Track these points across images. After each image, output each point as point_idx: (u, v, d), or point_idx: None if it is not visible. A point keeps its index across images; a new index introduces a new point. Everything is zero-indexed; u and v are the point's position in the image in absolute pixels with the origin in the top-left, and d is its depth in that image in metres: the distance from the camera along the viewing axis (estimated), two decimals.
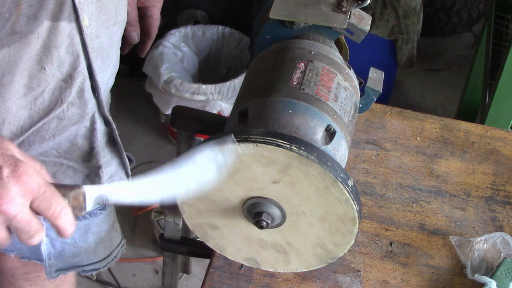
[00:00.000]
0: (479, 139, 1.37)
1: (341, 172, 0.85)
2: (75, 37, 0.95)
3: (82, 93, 1.02)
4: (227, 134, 0.85)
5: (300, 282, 1.11)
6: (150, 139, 2.69)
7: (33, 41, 0.90)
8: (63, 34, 0.93)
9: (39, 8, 0.88)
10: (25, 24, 0.88)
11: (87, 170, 1.11)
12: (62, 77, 0.97)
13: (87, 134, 1.07)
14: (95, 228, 1.25)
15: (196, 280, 2.23)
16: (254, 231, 0.95)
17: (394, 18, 2.52)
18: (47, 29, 0.91)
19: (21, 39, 0.89)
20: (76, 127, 1.05)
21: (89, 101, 1.04)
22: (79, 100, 1.02)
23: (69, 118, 1.03)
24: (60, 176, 1.09)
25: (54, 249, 1.23)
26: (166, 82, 2.30)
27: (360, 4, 0.96)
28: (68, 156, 1.08)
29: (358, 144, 1.34)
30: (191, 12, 2.61)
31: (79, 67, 0.98)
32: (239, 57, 2.56)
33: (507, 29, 2.35)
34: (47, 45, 0.92)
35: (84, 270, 1.30)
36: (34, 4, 0.87)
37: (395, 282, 1.12)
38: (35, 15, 0.88)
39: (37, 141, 1.02)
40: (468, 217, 1.23)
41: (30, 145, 1.02)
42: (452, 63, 3.16)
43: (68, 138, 1.05)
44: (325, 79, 0.95)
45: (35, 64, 0.93)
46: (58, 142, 1.05)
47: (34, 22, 0.89)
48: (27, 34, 0.89)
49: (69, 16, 0.92)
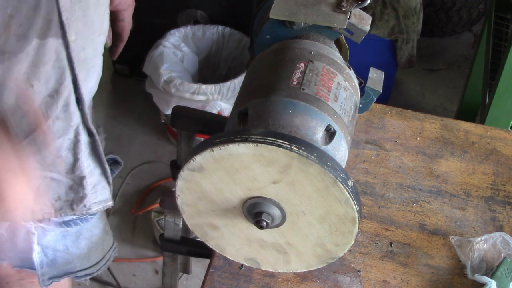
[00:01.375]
0: (479, 139, 1.37)
1: (341, 172, 0.85)
2: (61, 52, 0.95)
3: (67, 107, 1.01)
4: (227, 134, 0.85)
5: (300, 282, 1.11)
6: (150, 139, 2.69)
7: (22, 59, 0.90)
8: (51, 50, 0.93)
9: (29, 27, 0.88)
10: (15, 43, 0.88)
11: (71, 182, 1.11)
12: (48, 92, 0.97)
13: (71, 146, 1.07)
14: (87, 233, 1.24)
15: (196, 280, 2.23)
16: (254, 231, 0.95)
17: (394, 18, 2.52)
18: (36, 47, 0.91)
19: (11, 59, 0.89)
20: (60, 140, 1.05)
21: (73, 114, 1.03)
22: (64, 114, 1.02)
23: (54, 132, 1.03)
24: (44, 189, 1.08)
25: (46, 257, 1.23)
26: (166, 82, 2.30)
27: (360, 4, 0.96)
28: (52, 168, 1.07)
29: (358, 144, 1.34)
30: (191, 12, 2.61)
31: (65, 82, 0.98)
32: (239, 57, 2.56)
33: (507, 29, 2.34)
34: (35, 62, 0.92)
35: (78, 276, 1.30)
36: (23, 23, 0.87)
37: (395, 282, 1.12)
38: (25, 34, 0.88)
39: (23, 156, 1.02)
40: (468, 217, 1.23)
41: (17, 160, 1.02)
42: (452, 63, 3.16)
43: (53, 151, 1.05)
44: (325, 79, 0.95)
45: (23, 82, 0.93)
46: (43, 156, 1.04)
47: (24, 41, 0.89)
48: (17, 53, 0.89)
49: (56, 32, 0.92)
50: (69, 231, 1.20)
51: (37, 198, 1.09)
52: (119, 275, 2.26)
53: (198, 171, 0.89)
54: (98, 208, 1.17)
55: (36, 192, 1.08)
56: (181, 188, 0.92)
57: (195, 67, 2.59)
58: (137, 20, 2.84)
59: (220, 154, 0.85)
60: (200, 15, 2.61)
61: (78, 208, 1.14)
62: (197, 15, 2.62)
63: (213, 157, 0.86)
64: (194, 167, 0.88)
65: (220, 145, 0.85)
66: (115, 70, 2.88)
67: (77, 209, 1.13)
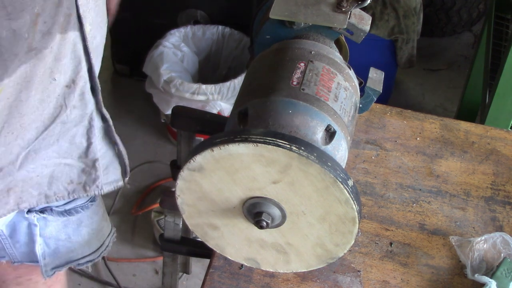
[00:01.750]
0: (479, 139, 1.37)
1: (341, 172, 0.85)
2: (78, 43, 0.97)
3: (83, 95, 1.04)
4: (227, 134, 0.85)
5: (300, 282, 1.11)
6: (150, 139, 2.69)
7: (47, 55, 0.92)
8: (69, 42, 0.96)
9: (53, 23, 0.91)
10: (40, 40, 0.90)
11: (83, 165, 1.13)
12: (65, 83, 1.00)
13: (85, 132, 1.09)
14: (87, 221, 1.26)
15: (196, 280, 2.23)
16: (254, 231, 0.95)
17: (394, 18, 2.52)
18: (58, 42, 0.93)
19: (37, 55, 0.91)
20: (76, 127, 1.07)
21: (89, 101, 1.06)
22: (81, 103, 1.04)
23: (71, 120, 1.05)
24: (57, 175, 1.10)
25: (48, 248, 1.24)
26: (166, 82, 2.30)
27: (360, 4, 0.96)
28: (67, 155, 1.09)
29: (358, 144, 1.34)
30: (191, 12, 2.61)
31: (81, 71, 1.00)
32: (239, 57, 2.56)
33: (507, 29, 2.34)
34: (57, 56, 0.95)
35: (79, 264, 1.32)
36: (47, 20, 0.89)
37: (395, 282, 1.12)
38: (49, 30, 0.91)
39: (42, 147, 1.04)
40: (468, 217, 1.23)
41: (36, 153, 1.04)
42: (452, 63, 3.16)
43: (68, 139, 1.07)
44: (325, 79, 0.95)
45: (47, 76, 0.95)
46: (59, 145, 1.07)
47: (48, 37, 0.91)
48: (42, 49, 0.91)
49: (74, 25, 0.95)
50: (71, 219, 1.22)
51: (51, 185, 1.11)
52: (119, 275, 2.26)
53: (198, 171, 0.89)
54: (110, 188, 1.19)
55: (50, 178, 1.10)
56: (181, 188, 0.92)
57: (195, 67, 2.59)
58: (137, 20, 2.86)
59: (220, 154, 0.86)
60: (200, 15, 2.61)
61: (91, 189, 1.16)
62: (197, 15, 2.62)
63: (213, 157, 0.86)
64: (194, 167, 0.88)
65: (220, 145, 0.85)
66: (115, 70, 2.88)
67: (90, 190, 1.16)
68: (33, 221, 1.18)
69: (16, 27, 0.85)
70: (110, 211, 2.39)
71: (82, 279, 2.24)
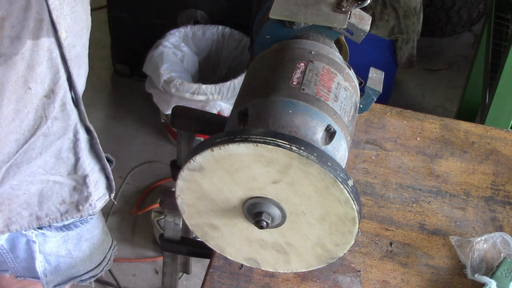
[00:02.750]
0: (479, 139, 1.37)
1: (341, 172, 0.85)
2: (54, 51, 0.94)
3: (64, 106, 1.01)
4: (227, 134, 0.85)
5: (300, 282, 1.11)
6: (150, 139, 2.69)
7: (18, 62, 0.90)
8: (44, 50, 0.92)
9: (21, 28, 0.87)
10: (9, 46, 0.87)
11: (74, 182, 1.10)
12: (44, 93, 0.97)
13: (71, 146, 1.06)
14: (88, 235, 1.24)
15: (196, 280, 2.23)
16: (254, 231, 0.95)
17: (394, 18, 2.52)
18: (30, 48, 0.90)
19: (6, 62, 0.88)
20: (60, 141, 1.04)
21: (71, 112, 1.03)
22: (62, 114, 1.01)
23: (54, 133, 1.02)
24: (47, 193, 1.08)
25: (49, 264, 1.22)
26: (166, 82, 2.30)
27: (360, 4, 0.96)
28: (54, 171, 1.07)
29: (358, 144, 1.34)
30: (191, 12, 2.61)
31: (60, 81, 0.97)
32: (239, 57, 2.56)
33: (507, 29, 2.34)
34: (30, 64, 0.92)
35: (82, 280, 1.29)
36: (16, 25, 0.86)
37: (395, 282, 1.12)
38: (18, 35, 0.88)
39: (24, 162, 1.01)
40: (468, 217, 1.23)
41: (18, 167, 1.01)
42: (452, 63, 3.16)
43: (53, 153, 1.05)
44: (325, 79, 0.95)
45: (21, 85, 0.92)
46: (44, 160, 1.04)
47: (18, 42, 0.88)
48: (12, 56, 0.88)
49: (48, 31, 0.92)
50: (70, 234, 1.20)
51: (41, 204, 1.08)
52: (119, 275, 2.26)
53: (198, 171, 0.88)
54: (101, 204, 1.17)
55: (40, 197, 1.08)
56: (181, 188, 0.92)
57: (195, 67, 2.59)
58: (137, 20, 2.86)
59: (220, 154, 0.85)
60: (200, 15, 2.61)
61: (84, 209, 1.13)
62: (197, 15, 2.62)
63: (213, 157, 0.86)
64: (194, 167, 0.88)
65: (220, 145, 0.85)
66: (115, 70, 2.88)
67: (83, 209, 1.13)
68: (32, 238, 1.16)
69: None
70: (110, 211, 2.39)
71: None
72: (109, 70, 2.88)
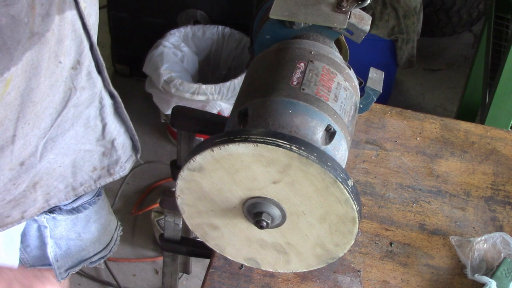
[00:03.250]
0: (479, 139, 1.37)
1: (341, 172, 0.85)
2: (76, 22, 0.96)
3: (90, 75, 1.03)
4: (227, 134, 0.85)
5: (300, 282, 1.11)
6: (150, 139, 2.69)
7: (50, 38, 0.91)
8: (68, 23, 0.95)
9: (50, 4, 0.89)
10: (41, 23, 0.89)
11: (102, 148, 1.13)
12: (71, 65, 0.99)
13: (97, 113, 1.09)
14: (95, 216, 1.27)
15: (196, 280, 2.23)
16: (254, 231, 0.95)
17: (394, 18, 2.52)
18: (58, 23, 0.92)
19: (40, 39, 0.90)
20: (88, 109, 1.07)
21: (96, 80, 1.05)
22: (88, 83, 1.04)
23: (82, 102, 1.04)
24: (79, 163, 1.10)
25: (59, 249, 1.24)
26: (166, 82, 2.30)
27: (360, 4, 0.96)
28: (84, 140, 1.09)
29: (358, 144, 1.34)
30: (191, 12, 2.61)
31: (85, 50, 1.00)
32: (239, 57, 2.57)
33: (507, 29, 2.35)
34: (59, 38, 0.93)
35: (92, 262, 1.32)
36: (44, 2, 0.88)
37: (395, 282, 1.12)
38: (48, 12, 0.89)
39: (59, 135, 1.03)
40: (468, 217, 1.23)
41: (54, 141, 1.03)
42: (452, 63, 3.16)
43: (83, 122, 1.07)
44: (325, 79, 0.95)
45: (53, 60, 0.94)
46: (75, 130, 1.06)
47: (48, 19, 0.90)
48: (44, 33, 0.90)
49: (70, 4, 0.94)
50: (79, 216, 1.22)
51: (75, 175, 1.11)
52: (119, 275, 2.26)
53: (198, 171, 0.88)
54: (130, 166, 1.20)
55: (73, 168, 1.10)
56: (181, 188, 0.92)
57: (195, 67, 2.59)
58: (137, 20, 2.86)
59: (220, 154, 0.85)
60: (200, 15, 2.62)
61: (115, 171, 1.17)
62: (197, 15, 2.62)
63: (213, 157, 0.86)
64: (194, 167, 0.88)
65: (220, 145, 0.85)
66: (115, 70, 2.88)
67: (115, 172, 1.16)
68: (43, 223, 1.18)
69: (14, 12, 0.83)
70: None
71: (82, 279, 2.24)
72: (109, 70, 2.86)
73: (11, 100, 0.90)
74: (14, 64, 0.87)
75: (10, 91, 0.89)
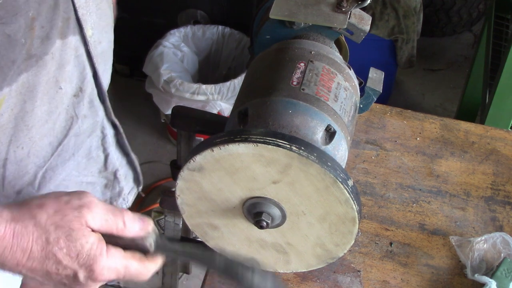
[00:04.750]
0: (479, 139, 1.37)
1: (341, 172, 0.85)
2: (80, 48, 0.94)
3: (92, 103, 1.01)
4: (227, 134, 0.85)
5: (300, 282, 1.11)
6: (150, 139, 2.69)
7: (49, 62, 0.89)
8: (71, 48, 0.92)
9: (51, 28, 0.87)
10: (40, 46, 0.87)
11: (105, 180, 1.10)
12: (73, 92, 0.96)
13: (99, 143, 1.06)
14: None
15: (196, 280, 2.23)
16: (254, 231, 0.95)
17: (394, 18, 2.52)
18: (59, 47, 0.90)
19: (37, 62, 0.88)
20: (90, 139, 1.04)
21: (98, 109, 1.03)
22: (90, 111, 1.01)
23: (84, 131, 1.02)
24: None
25: None
26: (166, 82, 2.30)
27: (360, 4, 0.96)
28: (86, 172, 1.07)
29: (358, 144, 1.34)
30: (191, 12, 2.61)
31: (87, 78, 0.97)
32: (239, 57, 2.57)
33: (507, 29, 2.35)
34: (60, 63, 0.91)
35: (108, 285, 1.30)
36: (45, 25, 0.86)
37: (395, 282, 1.12)
38: (48, 35, 0.87)
39: (59, 164, 1.01)
40: (468, 217, 1.23)
41: (54, 171, 1.01)
42: (452, 63, 3.16)
43: (84, 152, 1.04)
44: (325, 79, 0.95)
45: (53, 85, 0.92)
46: (76, 161, 1.04)
47: (47, 42, 0.88)
48: (42, 56, 0.88)
49: (74, 29, 0.92)
50: None
51: None
52: None
53: (198, 171, 0.88)
54: (132, 198, 1.17)
55: None
56: (181, 188, 0.92)
57: (195, 67, 2.59)
58: (137, 20, 2.86)
59: (220, 154, 0.85)
60: (200, 15, 2.62)
61: (118, 204, 1.14)
62: (197, 15, 2.62)
63: (213, 157, 0.86)
64: (194, 167, 0.88)
65: (220, 145, 0.85)
66: (115, 70, 2.88)
67: (117, 205, 1.14)
68: None
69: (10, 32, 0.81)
70: None
71: None
72: None
73: (4, 122, 0.88)
74: (7, 85, 0.85)
75: (2, 112, 0.86)
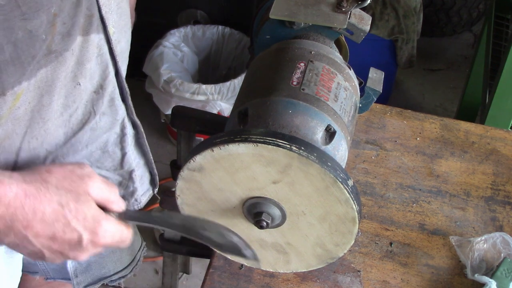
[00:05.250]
0: (479, 139, 1.37)
1: (341, 172, 0.85)
2: (103, 47, 0.95)
3: (113, 102, 1.01)
4: (227, 134, 0.85)
5: (300, 282, 1.11)
6: (150, 139, 2.67)
7: (68, 58, 0.89)
8: (93, 46, 0.93)
9: (72, 24, 0.87)
10: (60, 42, 0.87)
11: (120, 178, 1.10)
12: (93, 89, 0.97)
13: (118, 141, 1.06)
14: None
15: (196, 280, 2.23)
16: (254, 231, 0.95)
17: (394, 18, 2.52)
18: (80, 44, 0.90)
19: (57, 58, 0.88)
20: (107, 134, 1.04)
21: (119, 108, 1.03)
22: (110, 109, 1.02)
23: (101, 127, 1.02)
24: None
25: (80, 265, 1.22)
26: (166, 82, 2.30)
27: (360, 4, 0.96)
28: (100, 164, 1.06)
29: (358, 144, 1.34)
30: (191, 12, 2.61)
31: (109, 76, 0.98)
32: (239, 57, 2.57)
33: (507, 29, 2.35)
34: (80, 60, 0.91)
35: (112, 280, 1.29)
36: (67, 21, 0.86)
37: (395, 282, 1.12)
38: (69, 32, 0.87)
39: (70, 153, 1.01)
40: (468, 217, 1.23)
41: (64, 158, 1.01)
42: (452, 63, 3.16)
43: (99, 146, 1.04)
44: (325, 79, 0.95)
45: (70, 81, 0.92)
46: (90, 151, 1.04)
47: (68, 39, 0.88)
48: (62, 52, 0.88)
49: (97, 27, 0.92)
50: None
51: None
52: None
53: (198, 171, 0.88)
54: (146, 199, 1.17)
55: None
56: (181, 188, 0.92)
57: (195, 67, 2.59)
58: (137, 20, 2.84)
59: (220, 154, 0.85)
60: (200, 15, 2.62)
61: (130, 204, 1.13)
62: (197, 15, 2.62)
63: (213, 157, 0.86)
64: (194, 167, 0.88)
65: (220, 145, 0.85)
66: None
67: (129, 204, 1.13)
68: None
69: (32, 27, 0.81)
70: None
71: None
72: None
73: (21, 115, 0.88)
74: (26, 79, 0.85)
75: (19, 105, 0.87)
